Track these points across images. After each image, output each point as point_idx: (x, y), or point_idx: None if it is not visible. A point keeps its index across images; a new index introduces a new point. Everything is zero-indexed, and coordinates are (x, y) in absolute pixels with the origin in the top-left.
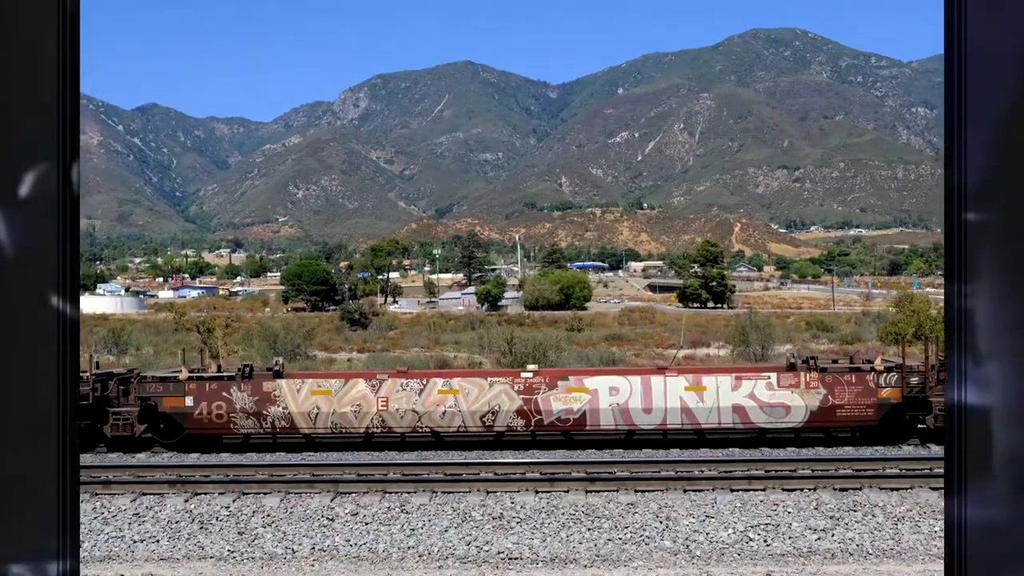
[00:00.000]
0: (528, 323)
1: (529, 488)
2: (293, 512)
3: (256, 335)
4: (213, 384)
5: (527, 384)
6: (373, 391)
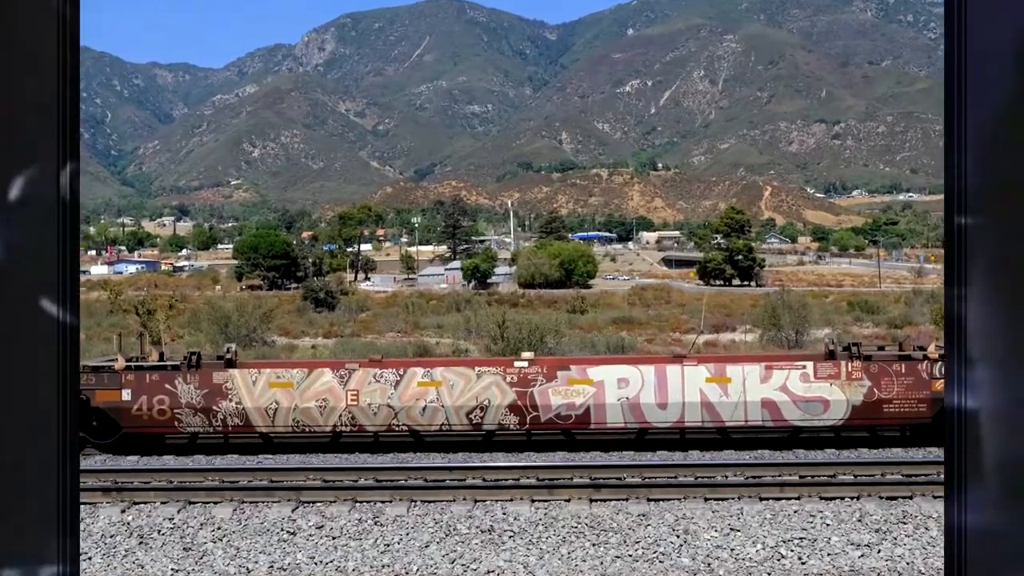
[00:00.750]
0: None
1: (524, 496)
2: (248, 525)
3: (205, 317)
4: (154, 375)
5: (521, 375)
6: (341, 383)
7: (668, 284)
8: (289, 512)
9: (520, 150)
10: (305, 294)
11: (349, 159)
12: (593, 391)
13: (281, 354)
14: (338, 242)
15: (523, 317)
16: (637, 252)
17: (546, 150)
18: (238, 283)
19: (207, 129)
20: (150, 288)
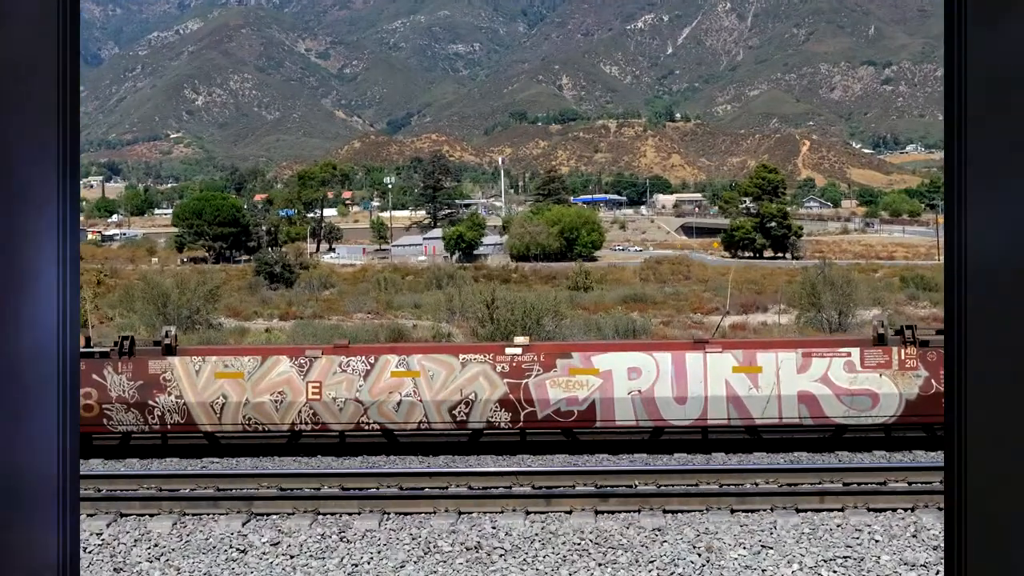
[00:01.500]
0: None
1: (517, 507)
2: (190, 541)
3: (139, 296)
4: (80, 363)
5: (514, 364)
6: (301, 373)
7: (688, 256)
8: (239, 526)
9: (512, 97)
10: (258, 268)
11: (310, 108)
12: (599, 383)
13: (230, 339)
14: (297, 207)
15: (516, 295)
16: (651, 218)
17: (543, 97)
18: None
19: (142, 73)
20: None
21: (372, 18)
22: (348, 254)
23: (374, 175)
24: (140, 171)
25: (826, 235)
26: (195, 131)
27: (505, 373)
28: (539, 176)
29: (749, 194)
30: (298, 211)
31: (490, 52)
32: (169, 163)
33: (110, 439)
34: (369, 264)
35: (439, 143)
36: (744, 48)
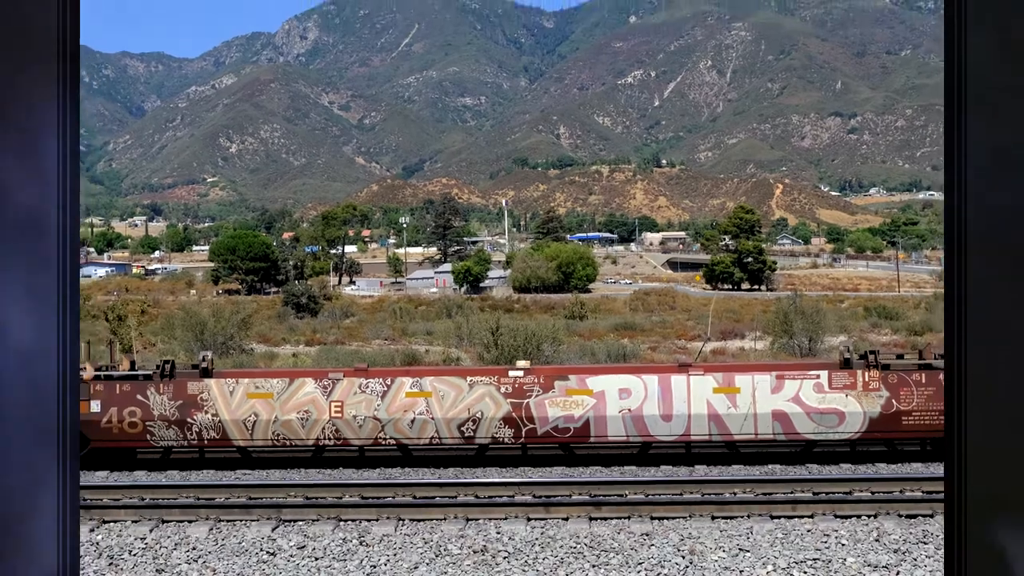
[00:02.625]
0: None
1: (519, 514)
2: (225, 545)
3: (179, 324)
4: (125, 385)
5: (517, 385)
6: (324, 394)
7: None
8: (269, 531)
9: (515, 145)
10: (286, 299)
11: (333, 155)
12: (593, 402)
13: (260, 363)
14: (321, 243)
15: (518, 323)
16: (640, 254)
17: (543, 145)
18: (214, 287)
19: (181, 123)
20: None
21: (389, 74)
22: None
23: (390, 215)
24: (180, 212)
25: (797, 269)
26: (229, 175)
27: (508, 393)
28: (539, 216)
29: (728, 232)
30: (322, 247)
31: (495, 104)
32: (206, 204)
33: (153, 453)
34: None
35: (449, 186)
36: (724, 101)
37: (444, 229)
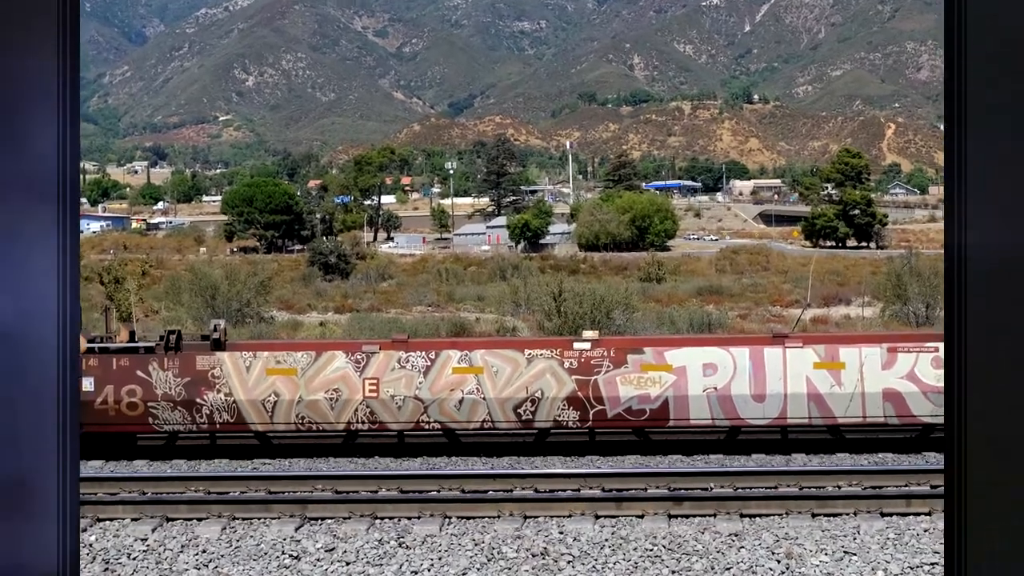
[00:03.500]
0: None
1: (586, 511)
2: (240, 547)
3: (186, 288)
4: (123, 359)
5: (583, 360)
6: (357, 370)
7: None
8: (292, 531)
9: (581, 78)
10: (312, 258)
11: (367, 89)
12: (672, 380)
13: (282, 333)
14: (353, 193)
15: (584, 287)
16: (727, 206)
17: (613, 78)
18: (228, 244)
19: (189, 52)
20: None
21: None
22: (407, 243)
23: (435, 160)
24: (187, 156)
25: (912, 223)
26: (245, 113)
27: (573, 369)
28: (609, 161)
29: (831, 180)
30: (354, 198)
31: (557, 30)
32: (218, 147)
33: (156, 439)
34: (429, 254)
35: (503, 126)
36: (826, 25)
37: (497, 176)
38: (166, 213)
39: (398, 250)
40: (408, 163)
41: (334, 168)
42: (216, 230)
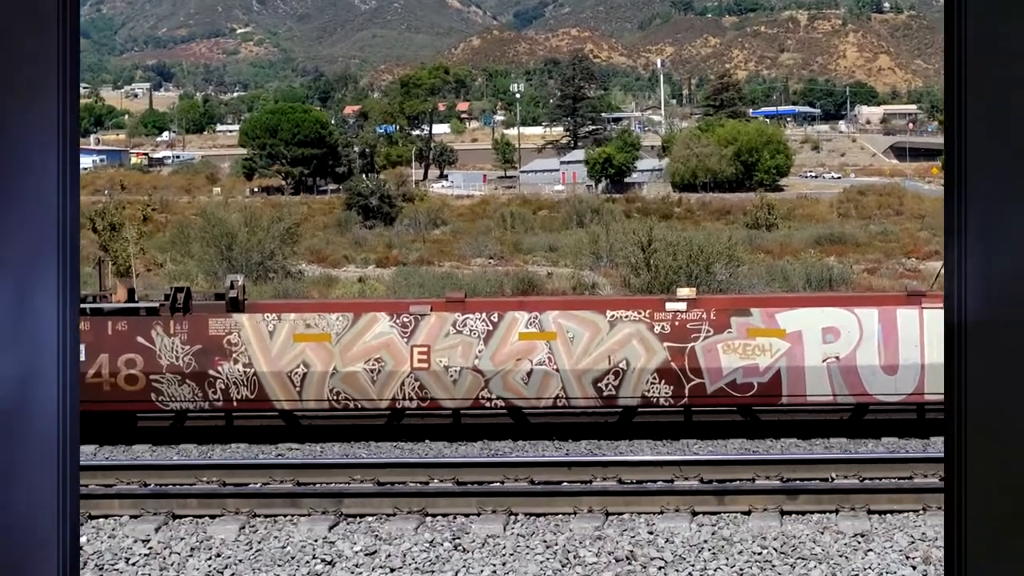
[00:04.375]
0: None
1: (681, 507)
2: (262, 550)
3: (197, 236)
4: (121, 323)
5: (678, 323)
6: (404, 335)
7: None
8: (325, 531)
9: None
10: (349, 200)
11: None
12: (786, 347)
13: (313, 291)
14: (399, 122)
15: (679, 235)
16: (853, 136)
17: None
18: (247, 184)
19: None
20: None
21: None
22: (464, 183)
23: (498, 81)
24: (197, 77)
25: None
26: (268, 25)
27: (665, 335)
28: (709, 83)
29: None
30: (400, 128)
31: None
32: (235, 66)
33: (160, 419)
34: (491, 195)
35: (581, 40)
36: None
37: (574, 101)
38: (172, 146)
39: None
40: (465, 85)
41: (375, 91)
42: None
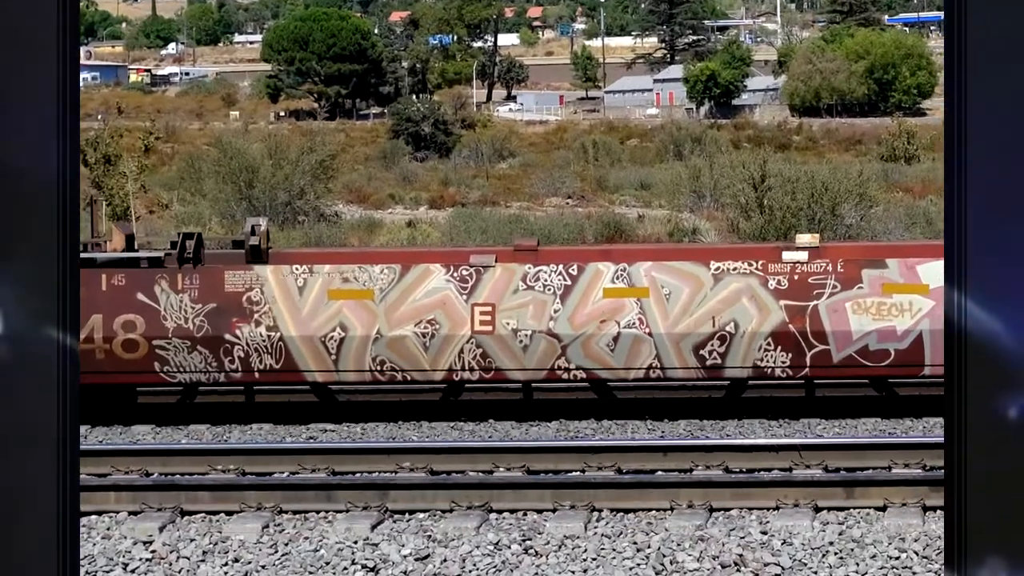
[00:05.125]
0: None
1: (801, 501)
2: (290, 554)
3: (210, 171)
4: (117, 276)
5: (797, 277)
6: (464, 292)
7: None
8: (366, 531)
9: None
10: (396, 127)
11: None
12: (928, 306)
13: (352, 238)
14: (457, 31)
15: (799, 169)
16: None
17: None
18: (272, 107)
19: None
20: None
21: None
22: (537, 105)
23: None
24: None
25: None
26: None
27: (782, 291)
28: None
29: None
30: (459, 38)
31: None
32: None
33: (165, 394)
34: (569, 121)
35: None
36: None
37: (671, 6)
38: (180, 60)
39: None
40: None
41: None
42: (254, 86)
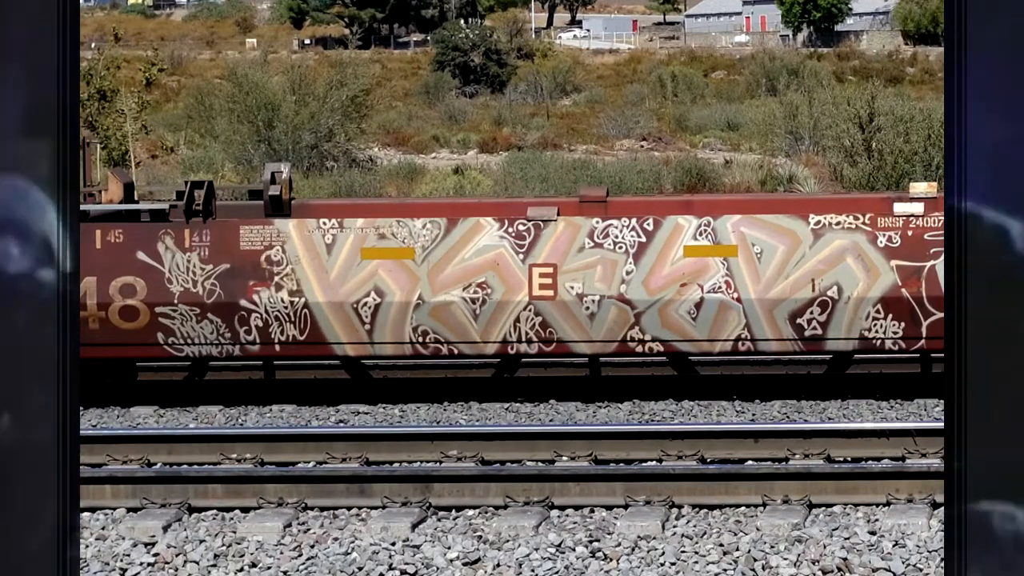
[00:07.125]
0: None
1: (917, 496)
2: (316, 558)
3: (223, 108)
4: (115, 231)
5: (911, 233)
6: (520, 250)
7: None
8: (406, 530)
9: None
10: (442, 57)
11: None
12: None
13: (389, 188)
14: None
15: (914, 107)
16: None
17: None
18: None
19: None
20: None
21: None
22: (606, 31)
23: None
24: None
25: None
26: None
27: (894, 249)
28: None
29: None
30: None
31: None
32: None
33: (171, 370)
34: (644, 50)
35: None
36: None
37: None
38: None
39: (590, 43)
40: None
41: None
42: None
